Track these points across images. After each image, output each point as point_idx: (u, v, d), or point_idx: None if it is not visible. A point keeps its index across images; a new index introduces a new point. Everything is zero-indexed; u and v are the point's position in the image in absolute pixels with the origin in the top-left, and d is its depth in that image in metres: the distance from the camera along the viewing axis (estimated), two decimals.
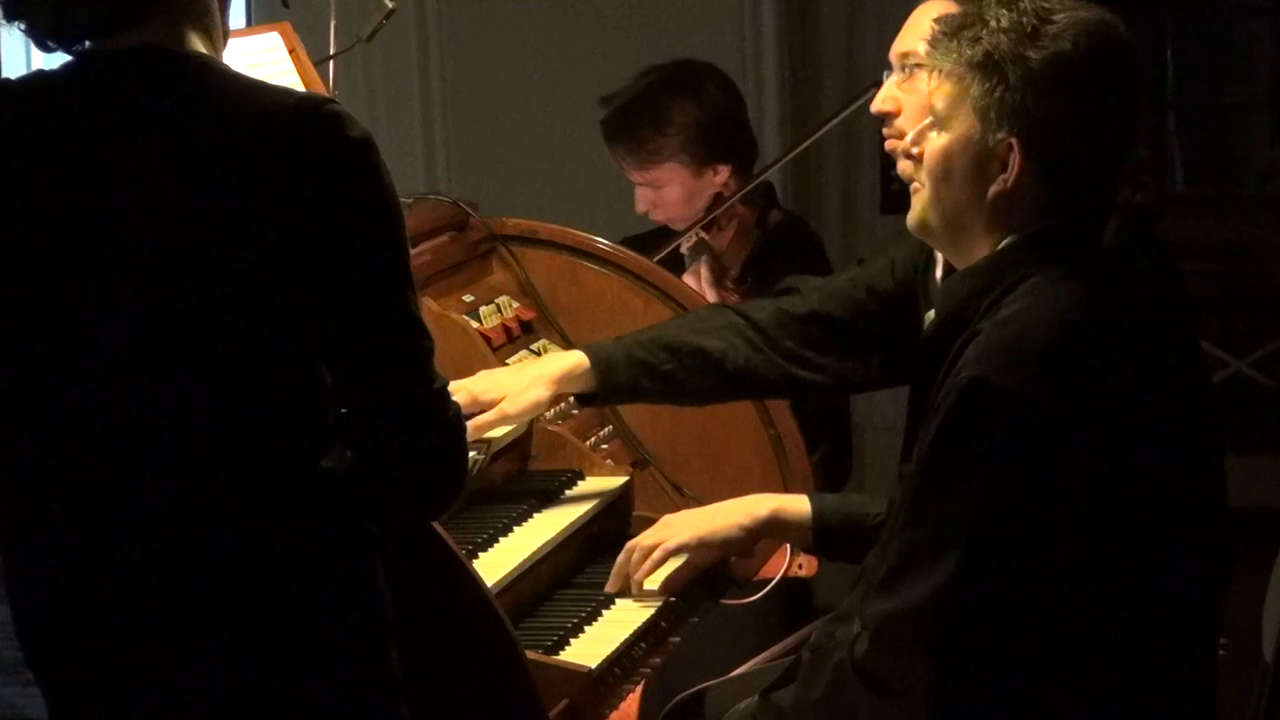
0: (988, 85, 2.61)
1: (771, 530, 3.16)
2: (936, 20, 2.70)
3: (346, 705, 2.42)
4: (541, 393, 3.21)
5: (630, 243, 4.05)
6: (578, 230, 3.79)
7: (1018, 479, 2.52)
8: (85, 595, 2.38)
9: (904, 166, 3.04)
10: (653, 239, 4.33)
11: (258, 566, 2.36)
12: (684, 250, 4.29)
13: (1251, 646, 3.24)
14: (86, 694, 2.43)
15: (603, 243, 3.78)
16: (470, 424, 3.06)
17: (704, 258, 4.23)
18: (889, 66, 3.21)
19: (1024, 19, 2.61)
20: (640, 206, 4.36)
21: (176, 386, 2.32)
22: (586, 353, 3.28)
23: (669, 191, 4.30)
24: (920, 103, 3.04)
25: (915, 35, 3.12)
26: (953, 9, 3.04)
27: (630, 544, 3.17)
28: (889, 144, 3.16)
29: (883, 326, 3.24)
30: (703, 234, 4.26)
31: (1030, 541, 2.53)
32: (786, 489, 3.65)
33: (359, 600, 2.42)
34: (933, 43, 2.69)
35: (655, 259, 4.14)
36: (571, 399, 3.38)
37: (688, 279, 4.15)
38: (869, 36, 5.67)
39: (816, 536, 3.13)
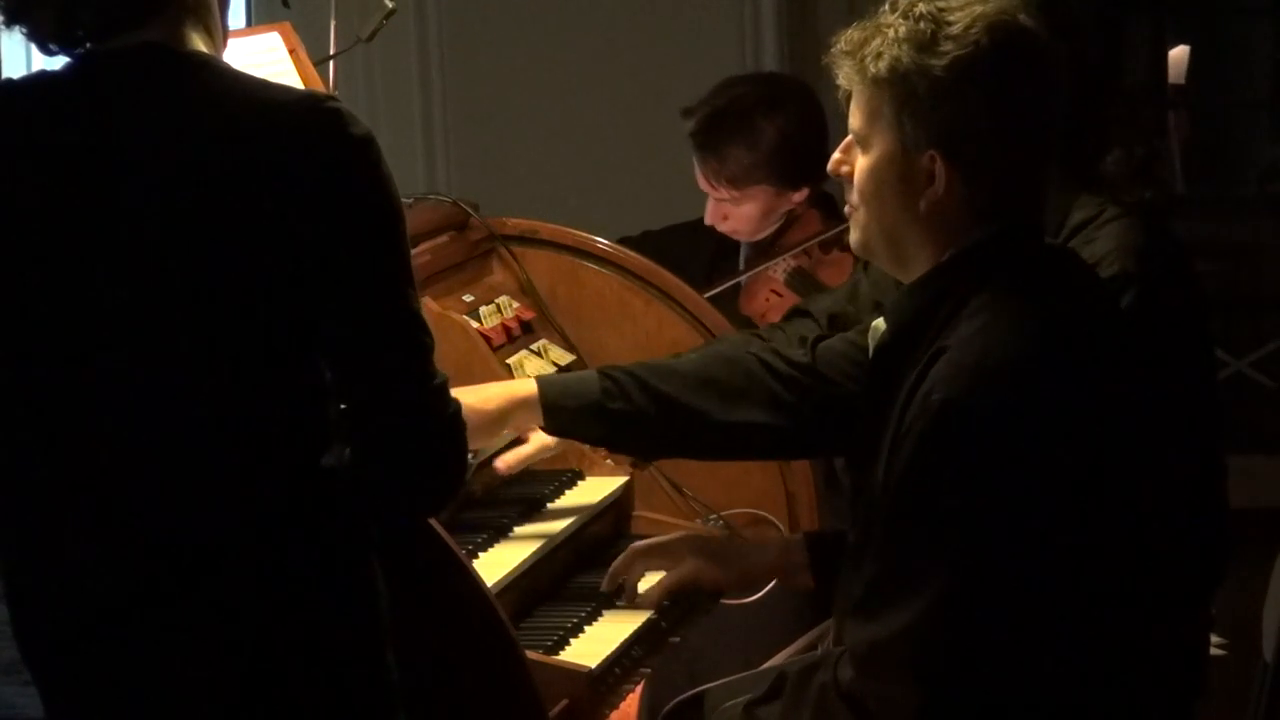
0: (898, 102, 2.55)
1: (777, 573, 3.11)
2: (836, 38, 2.64)
3: (343, 706, 2.41)
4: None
5: (642, 241, 4.01)
6: (578, 230, 3.78)
7: (997, 499, 2.47)
8: (83, 595, 2.38)
9: None
10: (671, 236, 4.30)
11: (256, 565, 2.35)
12: (777, 275, 4.20)
13: (1251, 646, 3.24)
14: (83, 694, 2.42)
15: (603, 243, 3.78)
16: (512, 456, 3.15)
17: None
18: None
19: (921, 25, 2.54)
20: (710, 218, 4.27)
21: (176, 384, 2.32)
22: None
23: (748, 208, 4.23)
24: None
25: None
26: None
27: (634, 547, 3.13)
28: None
29: None
30: (798, 264, 4.16)
31: (1012, 561, 2.48)
32: (786, 489, 3.65)
33: (357, 600, 2.42)
34: (836, 63, 2.63)
35: (727, 284, 4.11)
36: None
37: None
38: None
39: (816, 575, 3.09)
